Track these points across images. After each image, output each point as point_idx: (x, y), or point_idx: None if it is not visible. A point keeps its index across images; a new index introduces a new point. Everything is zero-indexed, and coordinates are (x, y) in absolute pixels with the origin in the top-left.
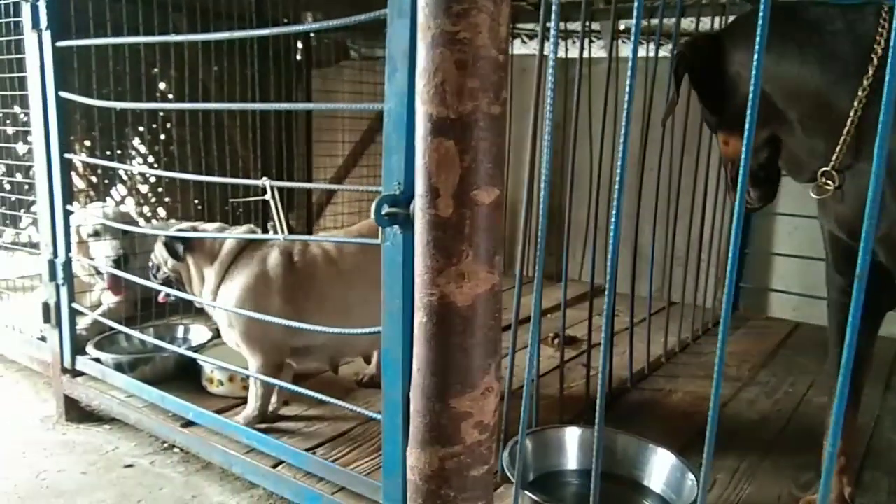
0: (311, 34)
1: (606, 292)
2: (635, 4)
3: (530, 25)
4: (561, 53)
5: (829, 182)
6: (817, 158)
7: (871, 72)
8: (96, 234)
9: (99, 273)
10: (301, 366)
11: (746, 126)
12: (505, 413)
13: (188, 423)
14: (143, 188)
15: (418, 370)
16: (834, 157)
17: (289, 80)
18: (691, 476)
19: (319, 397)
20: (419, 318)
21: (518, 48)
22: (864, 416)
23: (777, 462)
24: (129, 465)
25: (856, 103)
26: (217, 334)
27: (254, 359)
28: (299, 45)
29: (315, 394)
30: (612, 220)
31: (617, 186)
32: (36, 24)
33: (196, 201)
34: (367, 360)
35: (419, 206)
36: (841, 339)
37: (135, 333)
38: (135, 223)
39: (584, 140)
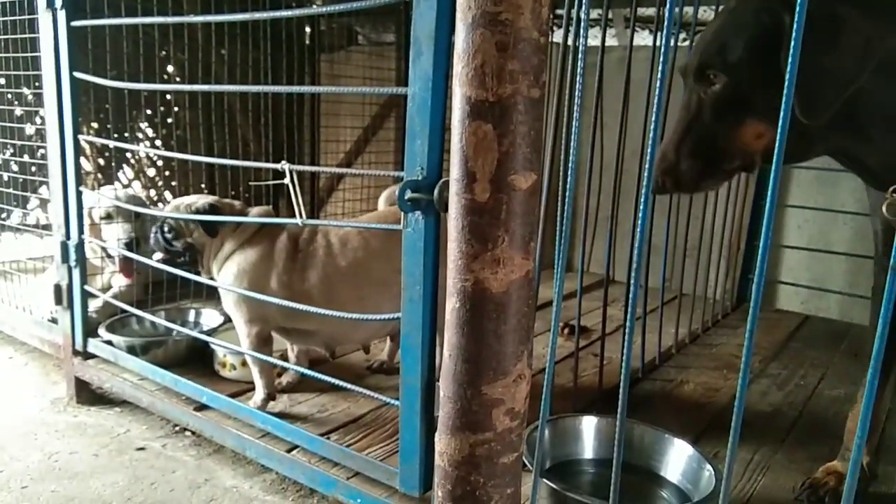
0: (320, 18)
1: (632, 282)
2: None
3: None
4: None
5: None
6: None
7: None
8: (108, 216)
9: (110, 256)
10: (301, 347)
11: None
12: None
13: (201, 407)
14: (151, 171)
15: (450, 356)
16: None
17: (297, 64)
18: (709, 467)
19: (335, 382)
20: (452, 303)
21: None
22: (881, 411)
23: (790, 454)
24: (141, 448)
25: None
26: (229, 318)
27: (241, 327)
28: (307, 29)
29: (330, 378)
30: (641, 213)
31: (645, 182)
32: (51, 3)
33: (203, 185)
34: (367, 350)
35: (454, 190)
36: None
37: (147, 316)
38: (146, 207)
39: (589, 129)
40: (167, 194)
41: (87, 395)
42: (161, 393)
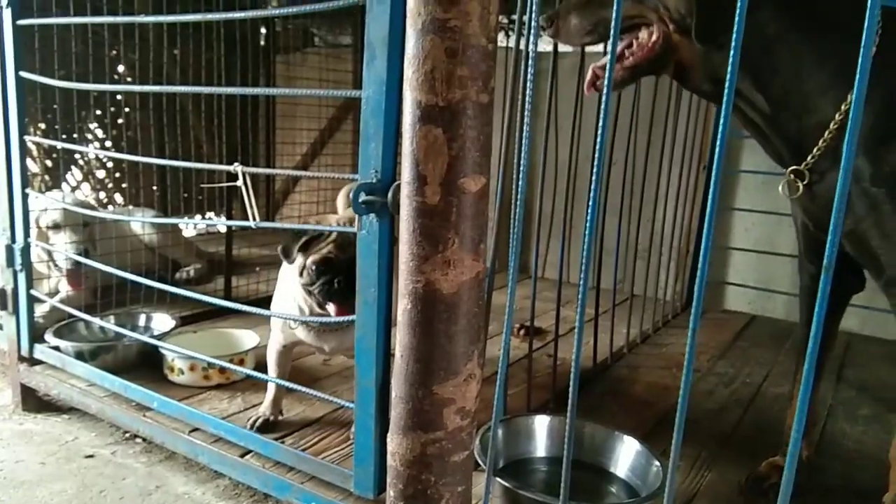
0: (275, 19)
1: (581, 283)
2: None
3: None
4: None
5: (798, 180)
6: (791, 155)
7: None
8: (56, 226)
9: (57, 266)
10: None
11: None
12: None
13: (152, 412)
14: (100, 173)
15: (402, 357)
16: (810, 157)
17: (252, 65)
18: (656, 463)
19: (289, 385)
20: (404, 304)
21: None
22: (819, 406)
23: (736, 450)
24: (90, 456)
25: (837, 116)
26: (182, 322)
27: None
28: (263, 30)
29: (285, 382)
30: (588, 215)
31: (593, 184)
32: None
33: (155, 188)
34: None
35: (405, 193)
36: (809, 320)
37: (95, 321)
38: (95, 212)
39: (552, 133)
40: (117, 196)
41: (34, 402)
42: (111, 399)
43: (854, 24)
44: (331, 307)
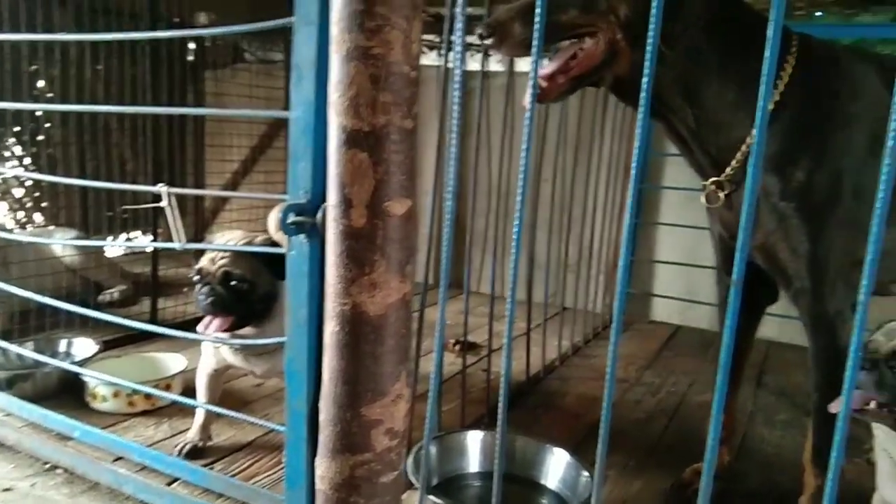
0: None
1: (508, 298)
2: (536, 22)
3: (430, 36)
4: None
5: (718, 191)
6: (711, 167)
7: (771, 104)
8: None
9: None
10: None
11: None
12: (410, 419)
13: (73, 442)
14: (18, 192)
15: (329, 379)
16: (729, 169)
17: (180, 81)
18: (585, 473)
19: (217, 410)
20: (331, 327)
21: (420, 59)
22: (739, 412)
23: (662, 457)
24: (8, 489)
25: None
26: (105, 347)
27: None
28: (192, 45)
29: (212, 407)
30: (515, 230)
31: (518, 198)
32: None
33: (77, 207)
34: None
35: (332, 216)
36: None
37: (12, 348)
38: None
39: (483, 151)
40: (37, 216)
41: None
42: (29, 429)
43: (760, 50)
44: (203, 322)
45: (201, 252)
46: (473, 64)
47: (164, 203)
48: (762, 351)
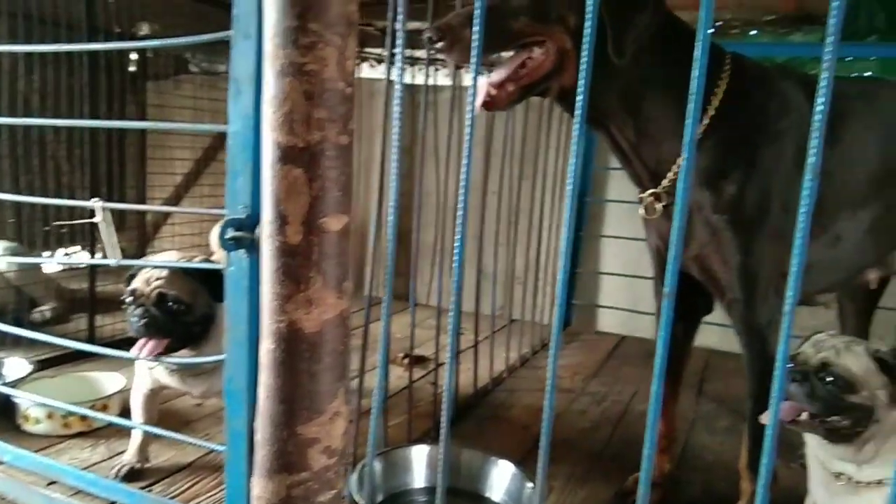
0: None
1: (451, 311)
2: (474, 37)
3: (378, 50)
4: (408, 80)
5: (656, 202)
6: (649, 179)
7: (706, 119)
8: None
9: None
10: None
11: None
12: (354, 436)
13: (4, 466)
14: None
15: (265, 398)
16: (666, 181)
17: (121, 92)
18: (529, 484)
19: (155, 431)
20: (266, 345)
21: (367, 72)
22: (681, 420)
23: (607, 466)
24: None
25: None
26: (39, 366)
27: None
28: (133, 56)
29: (150, 427)
30: (457, 241)
31: (460, 211)
32: None
33: (12, 220)
34: None
35: (267, 233)
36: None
37: None
38: None
39: (431, 164)
40: None
41: None
42: None
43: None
44: (138, 344)
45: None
46: (422, 78)
47: (97, 218)
48: (703, 359)
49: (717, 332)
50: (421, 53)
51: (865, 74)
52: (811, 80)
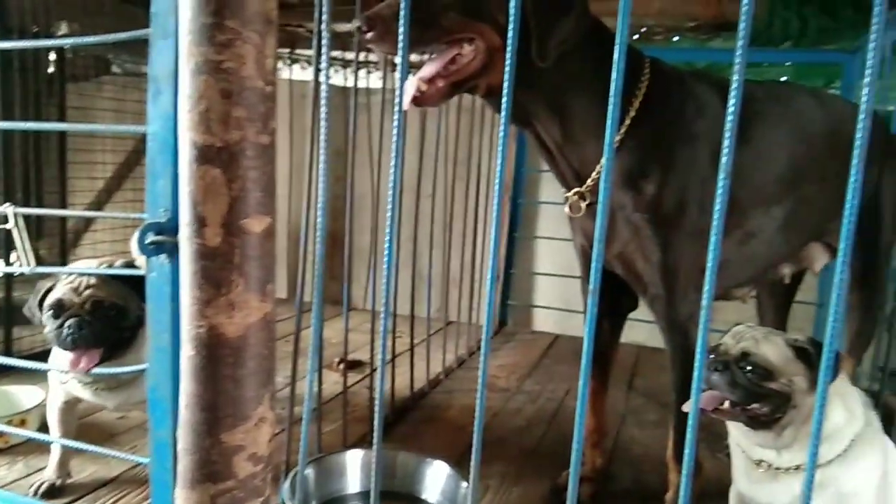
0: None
1: (382, 314)
2: (400, 39)
3: (309, 52)
4: (341, 82)
5: (580, 201)
6: (574, 179)
7: (627, 121)
8: None
9: None
10: None
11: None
12: (288, 443)
13: None
14: None
15: (186, 406)
16: (590, 181)
17: (38, 94)
18: (464, 484)
19: (75, 445)
20: (186, 351)
21: (298, 74)
22: (612, 415)
23: (540, 463)
24: None
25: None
26: None
27: None
28: (52, 56)
29: (70, 442)
30: (387, 243)
31: (390, 212)
32: None
33: None
34: None
35: (185, 235)
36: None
37: None
38: None
39: (365, 167)
40: None
41: None
42: None
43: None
44: (69, 357)
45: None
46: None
47: (10, 224)
48: (633, 354)
49: (646, 328)
50: (353, 55)
51: (782, 78)
52: (725, 84)
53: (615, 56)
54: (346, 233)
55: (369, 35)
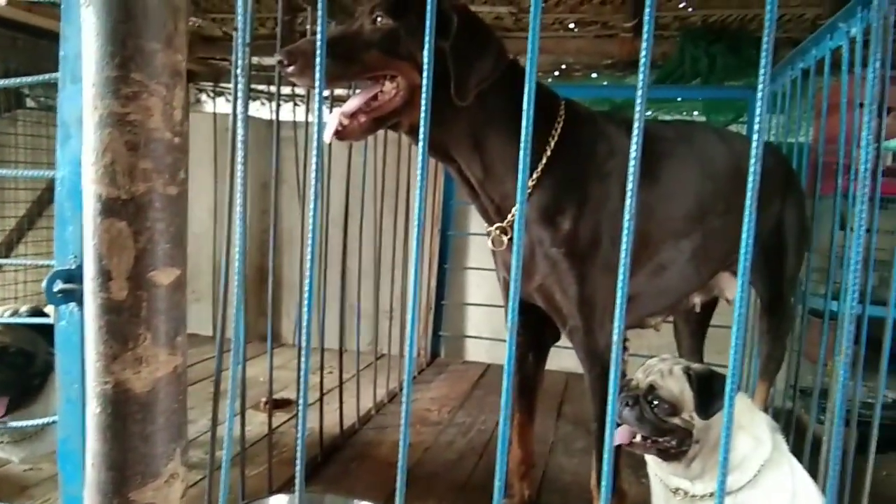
0: None
1: (304, 350)
2: (317, 63)
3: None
4: (267, 115)
5: (502, 235)
6: (496, 214)
7: (544, 160)
8: None
9: None
10: None
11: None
12: (209, 490)
13: None
14: None
15: (92, 465)
16: (510, 216)
17: None
18: None
19: None
20: (92, 408)
21: (222, 107)
22: (541, 444)
23: (472, 495)
24: None
25: (530, 183)
26: None
27: None
28: None
29: None
30: (308, 276)
31: (309, 246)
32: None
33: None
34: None
35: (90, 289)
36: (517, 371)
37: None
38: None
39: (294, 200)
40: None
41: None
42: None
43: (535, 112)
44: None
45: None
46: (287, 113)
47: None
48: (562, 382)
49: (574, 356)
50: (282, 89)
51: (694, 113)
52: (631, 122)
53: (524, 104)
54: (269, 268)
55: (290, 69)
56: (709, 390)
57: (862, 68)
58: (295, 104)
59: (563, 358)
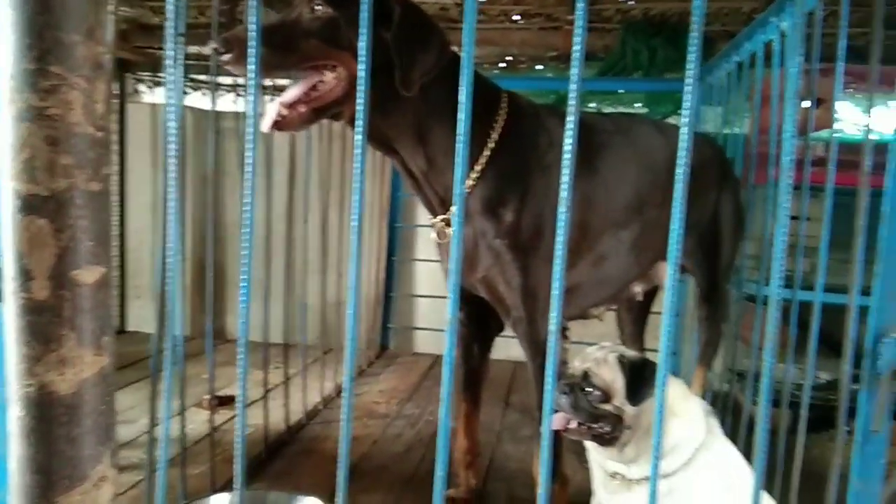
0: None
1: (239, 346)
2: (250, 62)
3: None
4: (208, 106)
5: (446, 227)
6: (440, 206)
7: (487, 152)
8: None
9: None
10: None
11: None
12: (148, 491)
13: None
14: None
15: (16, 470)
16: (454, 208)
17: None
18: None
19: None
20: (15, 412)
21: (161, 97)
22: (488, 432)
23: (420, 487)
24: None
25: (473, 175)
26: None
27: None
28: None
29: None
30: (243, 270)
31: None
32: None
33: None
34: None
35: (10, 290)
36: (463, 362)
37: None
38: None
39: (236, 194)
40: None
41: None
42: None
43: (477, 105)
44: None
45: None
46: (224, 103)
47: None
48: (509, 371)
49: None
50: (223, 79)
51: (636, 105)
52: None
53: (460, 96)
54: (208, 261)
55: (226, 57)
56: (640, 378)
57: None
58: (237, 94)
59: (511, 347)
